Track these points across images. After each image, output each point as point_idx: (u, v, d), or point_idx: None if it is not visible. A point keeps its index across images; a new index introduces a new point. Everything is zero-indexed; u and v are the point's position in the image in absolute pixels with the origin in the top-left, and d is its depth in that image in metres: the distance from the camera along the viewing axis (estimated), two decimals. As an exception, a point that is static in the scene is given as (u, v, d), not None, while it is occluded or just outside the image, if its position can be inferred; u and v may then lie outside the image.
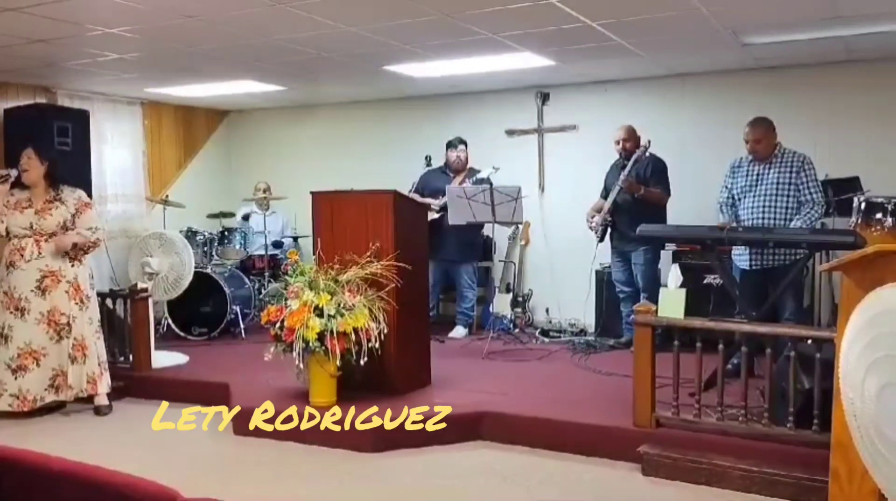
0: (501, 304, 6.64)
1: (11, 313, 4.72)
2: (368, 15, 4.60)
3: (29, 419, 4.74)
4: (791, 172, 4.83)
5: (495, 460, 4.05)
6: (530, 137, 7.40)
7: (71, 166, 5.74)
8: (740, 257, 4.97)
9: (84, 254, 4.90)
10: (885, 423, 1.92)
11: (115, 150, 7.55)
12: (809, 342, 3.66)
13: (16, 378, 4.69)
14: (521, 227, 6.99)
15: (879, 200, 3.73)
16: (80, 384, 4.80)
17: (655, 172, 5.89)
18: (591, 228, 6.06)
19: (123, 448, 4.28)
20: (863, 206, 3.73)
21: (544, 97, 7.32)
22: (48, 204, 4.81)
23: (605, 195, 6.14)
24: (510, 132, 7.46)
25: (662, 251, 6.07)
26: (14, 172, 4.79)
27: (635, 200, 5.79)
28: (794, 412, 3.63)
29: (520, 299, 6.95)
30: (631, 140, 5.98)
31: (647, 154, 5.83)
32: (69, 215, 4.83)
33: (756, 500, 3.48)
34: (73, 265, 4.84)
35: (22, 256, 4.72)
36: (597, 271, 6.55)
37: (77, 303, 4.83)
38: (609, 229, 6.03)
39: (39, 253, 4.75)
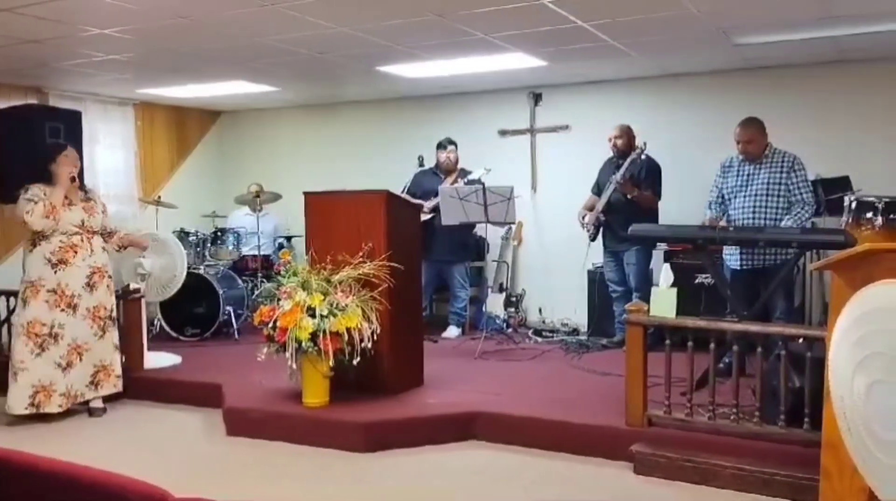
0: (494, 304, 6.66)
1: (62, 310, 4.73)
2: (361, 15, 4.60)
3: (65, 422, 4.76)
4: (781, 172, 4.85)
5: (488, 460, 4.06)
6: (523, 137, 7.42)
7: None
8: (731, 257, 4.99)
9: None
10: (874, 420, 1.93)
11: (108, 150, 7.53)
12: (800, 340, 3.68)
13: (64, 376, 4.72)
14: (513, 227, 7.01)
15: (870, 199, 3.75)
16: (118, 375, 4.99)
17: (649, 175, 5.90)
18: (583, 226, 6.07)
19: (115, 449, 4.27)
20: (853, 205, 3.74)
21: (537, 98, 7.33)
22: (88, 204, 4.92)
23: (596, 192, 6.15)
24: (503, 132, 7.47)
25: (654, 251, 6.10)
26: (74, 170, 4.86)
27: (628, 200, 5.80)
28: (786, 411, 3.64)
29: (513, 298, 6.97)
30: (623, 138, 5.99)
31: (643, 156, 5.83)
32: (102, 214, 5.00)
33: (747, 498, 3.49)
34: (109, 262, 5.02)
35: (76, 253, 4.77)
36: (589, 271, 6.57)
37: (113, 296, 5.02)
38: (601, 229, 6.04)
39: (91, 250, 4.84)
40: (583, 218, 6.08)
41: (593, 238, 6.07)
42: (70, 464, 1.71)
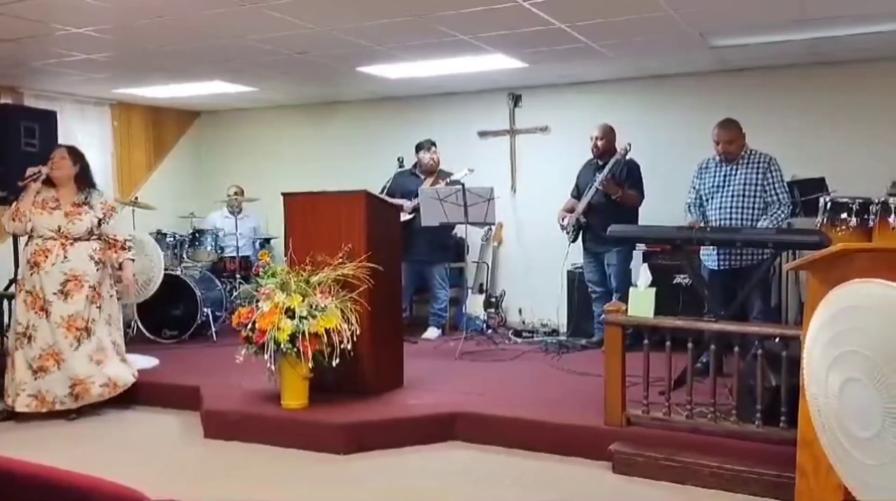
0: (474, 305, 6.66)
1: (36, 313, 4.67)
2: (341, 16, 4.59)
3: (42, 425, 4.68)
4: (758, 172, 4.89)
5: (469, 460, 4.06)
6: (503, 138, 7.43)
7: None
8: (708, 258, 5.03)
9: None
10: (847, 418, 1.96)
11: (84, 151, 7.40)
12: (776, 340, 3.71)
13: (35, 379, 4.65)
14: (493, 228, 7.02)
15: (844, 200, 3.80)
16: (97, 388, 4.80)
17: (631, 175, 5.91)
18: (562, 228, 6.09)
19: (91, 452, 4.22)
20: (828, 206, 3.80)
21: (516, 99, 7.35)
22: (77, 208, 4.77)
23: (576, 195, 6.17)
24: (482, 134, 7.49)
25: (634, 252, 6.13)
26: (45, 170, 4.75)
27: (609, 201, 5.81)
28: (762, 410, 3.68)
29: (493, 299, 6.97)
30: (605, 139, 5.99)
31: (627, 157, 5.83)
32: (96, 219, 4.82)
33: (725, 497, 3.52)
34: (98, 270, 4.81)
35: (47, 258, 4.67)
36: (568, 272, 6.59)
37: (98, 307, 4.82)
38: (582, 230, 6.05)
39: (65, 257, 4.70)
40: (562, 220, 6.10)
41: (574, 240, 6.09)
42: (42, 466, 1.69)
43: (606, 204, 5.82)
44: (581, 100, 7.07)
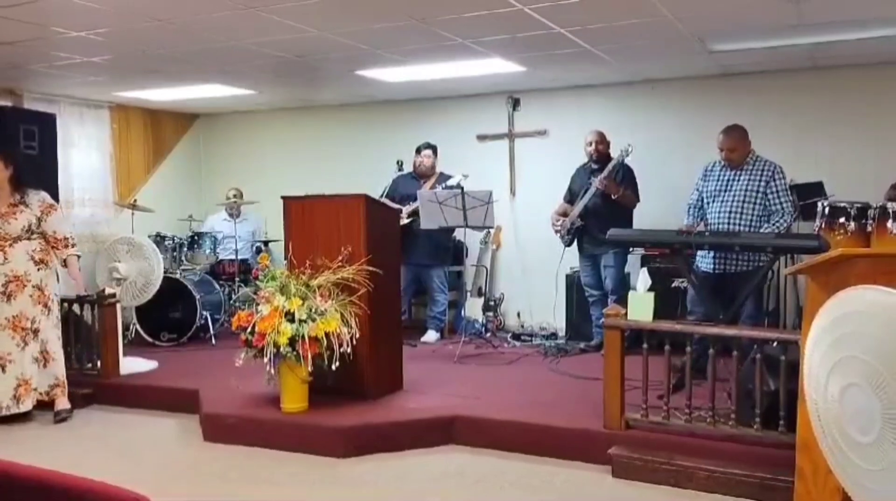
0: (473, 308, 6.66)
1: None
2: (340, 20, 4.59)
3: (39, 423, 4.69)
4: (761, 180, 4.88)
5: (468, 463, 4.06)
6: (501, 142, 7.44)
7: (37, 170, 5.67)
8: (703, 260, 5.02)
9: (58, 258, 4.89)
10: (847, 422, 1.96)
11: (83, 153, 7.46)
12: (774, 344, 3.72)
13: None
14: (492, 231, 7.03)
15: (843, 204, 3.81)
16: (44, 388, 4.79)
17: (627, 177, 5.93)
18: (556, 232, 6.09)
19: (90, 456, 4.22)
20: (827, 210, 3.80)
21: (515, 102, 7.36)
22: (13, 208, 4.73)
23: (568, 199, 6.18)
24: (481, 137, 7.49)
25: (630, 256, 6.15)
26: None
27: (606, 204, 5.82)
28: (761, 414, 3.68)
29: (491, 302, 6.98)
30: (604, 143, 6.03)
31: (627, 159, 5.82)
32: (34, 218, 4.77)
33: (724, 500, 3.53)
34: (38, 270, 4.77)
35: None
36: (567, 275, 6.60)
37: (42, 307, 4.78)
38: (578, 234, 6.06)
39: (5, 259, 4.68)
40: (556, 222, 6.10)
41: (569, 244, 6.09)
42: (45, 470, 1.69)
43: (603, 206, 5.84)
44: (580, 104, 7.08)
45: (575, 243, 6.14)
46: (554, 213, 6.19)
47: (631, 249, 6.00)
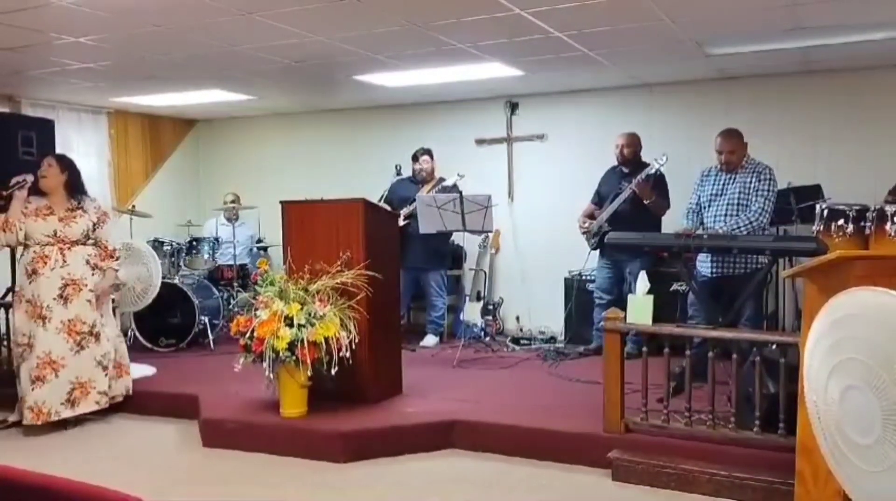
0: (472, 312, 6.66)
1: (34, 322, 4.65)
2: (338, 25, 4.60)
3: (40, 434, 4.66)
4: (753, 181, 4.90)
5: (467, 468, 4.06)
6: (500, 146, 7.45)
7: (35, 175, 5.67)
8: (703, 265, 5.02)
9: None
10: (847, 425, 1.96)
11: (81, 159, 7.35)
12: (773, 347, 3.72)
13: (33, 390, 4.61)
14: (490, 235, 7.03)
15: (841, 207, 3.83)
16: (119, 391, 4.97)
17: (658, 184, 5.80)
18: (584, 232, 6.01)
19: (90, 462, 4.22)
20: (825, 213, 3.82)
21: (513, 107, 7.37)
22: (71, 212, 4.78)
23: (596, 201, 6.08)
24: (480, 141, 7.51)
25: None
26: (30, 178, 4.75)
27: (635, 209, 5.69)
28: (761, 417, 3.68)
29: (490, 306, 6.98)
30: (631, 146, 5.96)
31: (662, 169, 5.66)
32: (91, 223, 4.82)
33: (724, 504, 3.53)
34: (94, 274, 4.80)
35: (46, 263, 4.66)
36: (566, 279, 6.60)
37: (101, 314, 4.83)
38: (604, 237, 5.93)
39: (64, 262, 4.70)
40: (584, 224, 6.02)
41: (595, 247, 5.97)
42: (44, 476, 1.69)
43: (632, 212, 5.70)
44: (578, 108, 7.09)
45: (587, 244, 6.04)
46: (581, 215, 6.10)
47: (659, 255, 5.79)
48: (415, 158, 6.71)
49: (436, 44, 5.05)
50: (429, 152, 6.72)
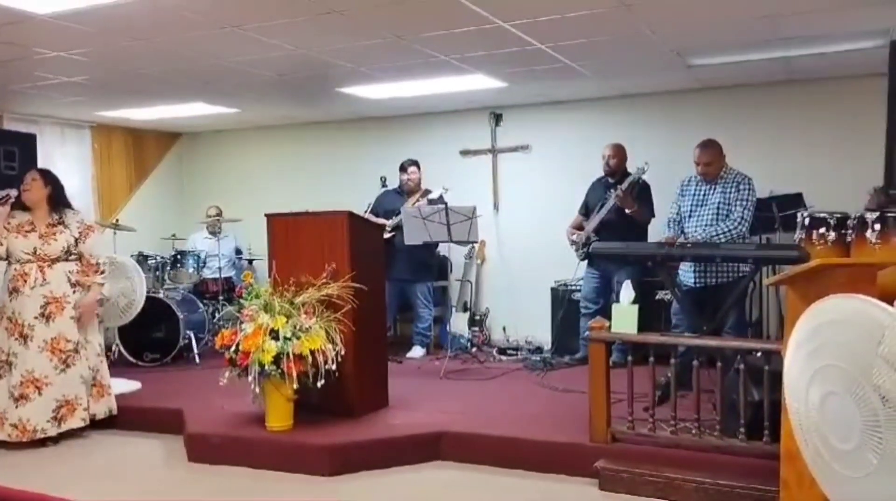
0: (459, 323, 6.66)
1: (16, 339, 4.60)
2: (322, 38, 4.62)
3: (23, 450, 4.59)
4: (732, 192, 4.95)
5: (454, 479, 4.05)
6: (484, 157, 7.48)
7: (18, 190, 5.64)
8: (686, 275, 5.05)
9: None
10: (828, 431, 1.98)
11: (64, 174, 7.35)
12: (758, 354, 3.75)
13: (17, 407, 4.56)
14: (476, 246, 7.04)
15: (822, 215, 3.86)
16: (104, 411, 4.90)
17: (641, 194, 5.85)
18: (572, 243, 6.05)
19: (73, 478, 4.16)
20: (807, 221, 3.85)
21: (497, 118, 7.41)
22: (51, 228, 4.72)
23: (584, 212, 6.14)
24: (464, 152, 7.53)
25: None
26: (14, 193, 4.70)
27: (621, 219, 5.74)
28: (746, 424, 3.70)
29: (477, 317, 6.98)
30: (616, 157, 6.00)
31: (644, 178, 5.75)
32: (73, 239, 4.75)
33: (711, 511, 3.54)
34: (75, 292, 4.74)
35: (26, 282, 4.61)
36: (552, 288, 6.61)
37: (82, 328, 4.77)
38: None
39: (44, 279, 4.64)
40: (572, 236, 6.06)
41: (584, 258, 6.01)
42: (27, 492, 1.68)
43: (618, 222, 5.75)
44: (561, 119, 7.14)
45: (575, 255, 6.07)
46: (569, 226, 6.14)
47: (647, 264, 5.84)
48: (402, 169, 6.72)
49: (419, 56, 5.07)
50: (416, 163, 6.74)
